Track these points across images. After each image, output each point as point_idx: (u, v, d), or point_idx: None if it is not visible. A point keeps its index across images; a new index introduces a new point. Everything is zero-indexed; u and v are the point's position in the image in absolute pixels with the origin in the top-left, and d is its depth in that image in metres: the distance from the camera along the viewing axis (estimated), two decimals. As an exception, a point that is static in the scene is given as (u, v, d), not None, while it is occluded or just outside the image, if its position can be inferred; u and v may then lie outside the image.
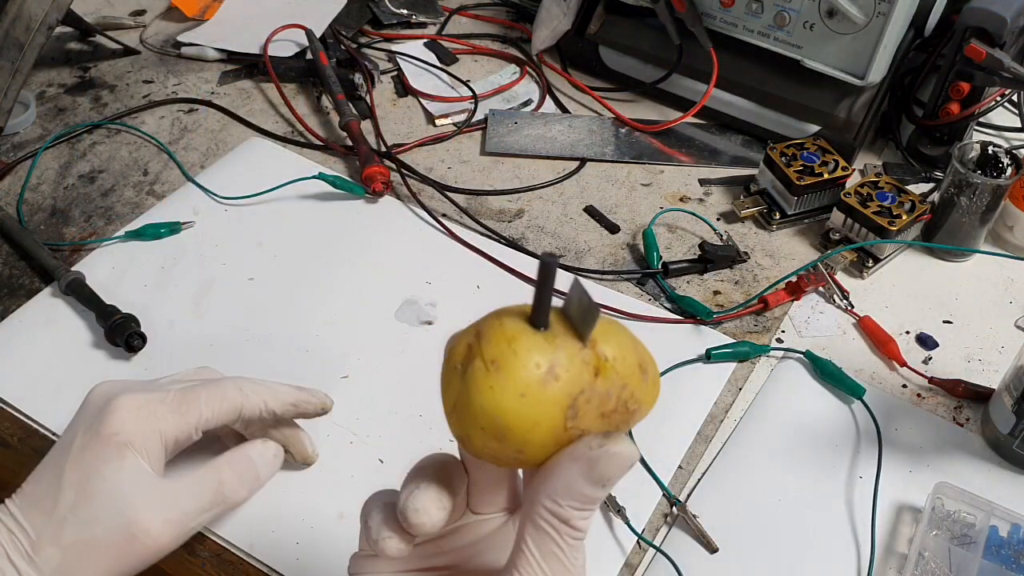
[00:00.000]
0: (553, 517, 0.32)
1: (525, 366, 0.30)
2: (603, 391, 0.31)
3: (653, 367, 0.34)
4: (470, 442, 0.32)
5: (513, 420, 0.30)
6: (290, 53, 0.95)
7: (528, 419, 0.30)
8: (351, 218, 0.78)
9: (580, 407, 0.31)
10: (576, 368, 0.31)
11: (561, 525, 0.32)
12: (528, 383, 0.30)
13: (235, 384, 0.52)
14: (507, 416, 0.30)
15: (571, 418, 0.31)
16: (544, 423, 0.31)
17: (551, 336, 0.31)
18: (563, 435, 0.31)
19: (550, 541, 0.33)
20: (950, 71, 0.79)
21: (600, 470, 0.31)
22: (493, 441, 0.31)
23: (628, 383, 0.32)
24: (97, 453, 0.48)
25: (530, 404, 0.30)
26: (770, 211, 0.78)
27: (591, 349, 0.31)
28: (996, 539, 0.55)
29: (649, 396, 0.33)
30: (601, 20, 0.93)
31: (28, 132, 0.86)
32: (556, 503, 0.32)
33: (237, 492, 0.52)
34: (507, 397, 0.30)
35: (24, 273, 0.72)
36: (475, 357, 0.31)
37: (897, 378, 0.67)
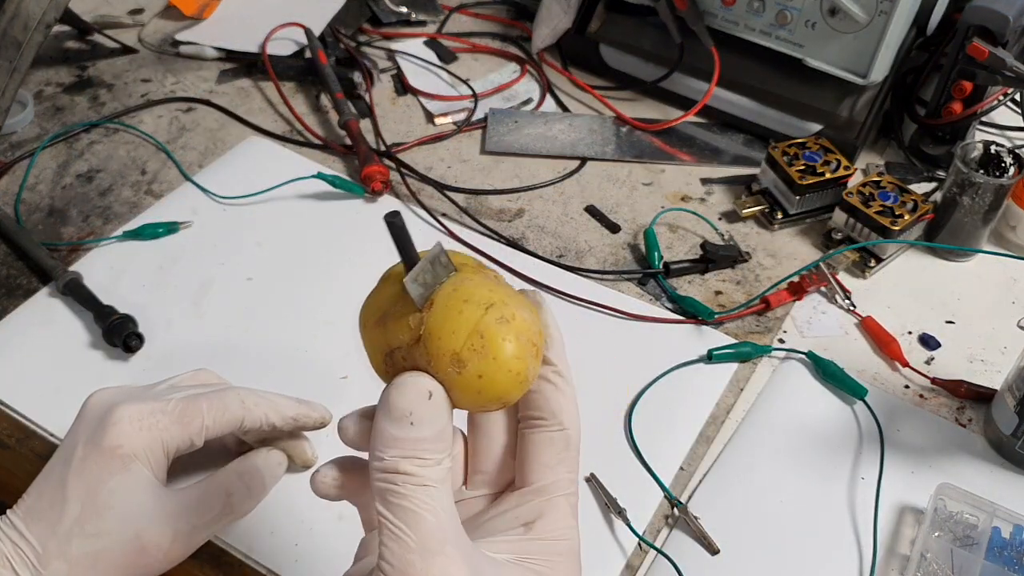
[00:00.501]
0: (382, 472, 0.32)
1: (370, 304, 0.36)
2: (415, 357, 0.34)
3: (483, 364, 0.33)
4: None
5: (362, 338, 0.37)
6: (289, 52, 0.95)
7: (366, 346, 0.36)
8: (350, 218, 0.77)
9: (396, 361, 0.34)
10: (399, 327, 0.34)
11: (392, 475, 0.32)
12: (367, 318, 0.36)
13: (237, 396, 0.52)
14: (362, 334, 0.37)
15: (387, 364, 0.35)
16: (372, 357, 0.36)
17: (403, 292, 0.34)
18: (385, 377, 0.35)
19: (390, 494, 0.32)
20: (952, 70, 0.79)
21: (395, 404, 0.32)
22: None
23: (433, 363, 0.33)
24: (101, 465, 0.47)
25: (365, 336, 0.36)
26: (772, 211, 0.78)
27: (423, 316, 0.33)
28: (998, 540, 0.55)
29: (464, 388, 0.33)
30: (602, 18, 0.93)
31: (26, 131, 0.86)
32: (379, 456, 0.32)
33: (245, 503, 0.52)
34: (361, 319, 0.37)
35: (22, 273, 0.72)
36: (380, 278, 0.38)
37: (899, 379, 0.67)
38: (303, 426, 0.55)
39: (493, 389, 0.34)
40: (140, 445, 0.48)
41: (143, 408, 0.49)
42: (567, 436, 0.37)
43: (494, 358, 0.33)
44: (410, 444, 0.32)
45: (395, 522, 0.32)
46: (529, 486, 0.37)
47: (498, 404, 0.34)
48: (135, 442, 0.48)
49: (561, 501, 0.37)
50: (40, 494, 0.48)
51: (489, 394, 0.34)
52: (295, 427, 0.55)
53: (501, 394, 0.34)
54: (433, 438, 0.32)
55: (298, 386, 0.63)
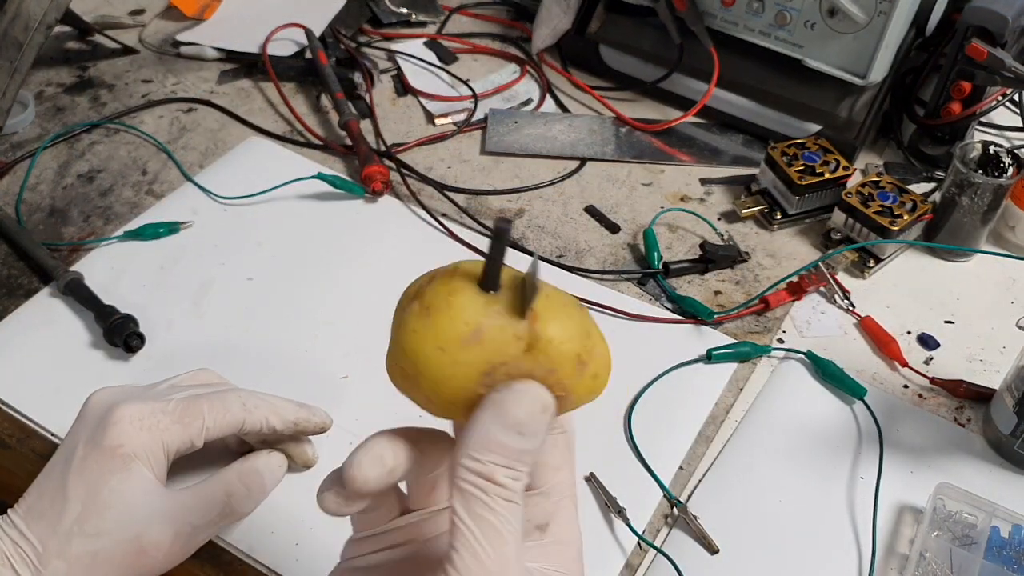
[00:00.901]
0: (475, 476, 0.31)
1: (452, 321, 0.30)
2: (527, 368, 0.31)
3: (599, 363, 0.33)
4: (392, 376, 0.33)
5: (426, 369, 0.31)
6: (289, 52, 0.95)
7: (441, 373, 0.31)
8: (350, 218, 0.78)
9: (498, 376, 0.31)
10: (504, 338, 0.30)
11: (486, 483, 0.31)
12: (449, 338, 0.30)
13: (239, 398, 0.52)
14: (420, 363, 0.31)
15: (485, 385, 0.31)
16: (456, 381, 0.31)
17: (494, 300, 0.31)
18: (476, 398, 0.31)
19: (477, 503, 0.31)
20: (951, 70, 0.79)
21: (510, 411, 0.30)
22: (406, 381, 0.32)
23: (558, 369, 0.32)
24: (102, 465, 0.48)
25: (445, 359, 0.30)
26: (771, 211, 0.78)
27: (530, 324, 0.31)
28: (997, 540, 0.55)
29: (583, 389, 0.33)
30: (602, 19, 0.93)
31: (27, 132, 0.86)
32: (475, 459, 0.31)
33: (245, 505, 0.52)
34: (426, 345, 0.30)
35: (23, 273, 0.72)
36: (417, 298, 0.31)
37: (898, 378, 0.67)
38: (303, 430, 0.56)
39: (600, 387, 0.33)
40: (140, 445, 0.48)
41: (144, 408, 0.49)
42: (568, 439, 0.37)
43: (601, 354, 0.33)
44: (513, 454, 0.31)
45: (477, 535, 0.31)
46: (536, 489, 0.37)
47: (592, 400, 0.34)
48: (135, 442, 0.48)
49: (568, 503, 0.37)
50: (41, 493, 0.48)
51: (596, 393, 0.33)
52: (295, 431, 0.55)
53: (601, 391, 0.34)
54: (532, 451, 0.31)
55: (298, 386, 0.63)
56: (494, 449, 0.31)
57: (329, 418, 0.57)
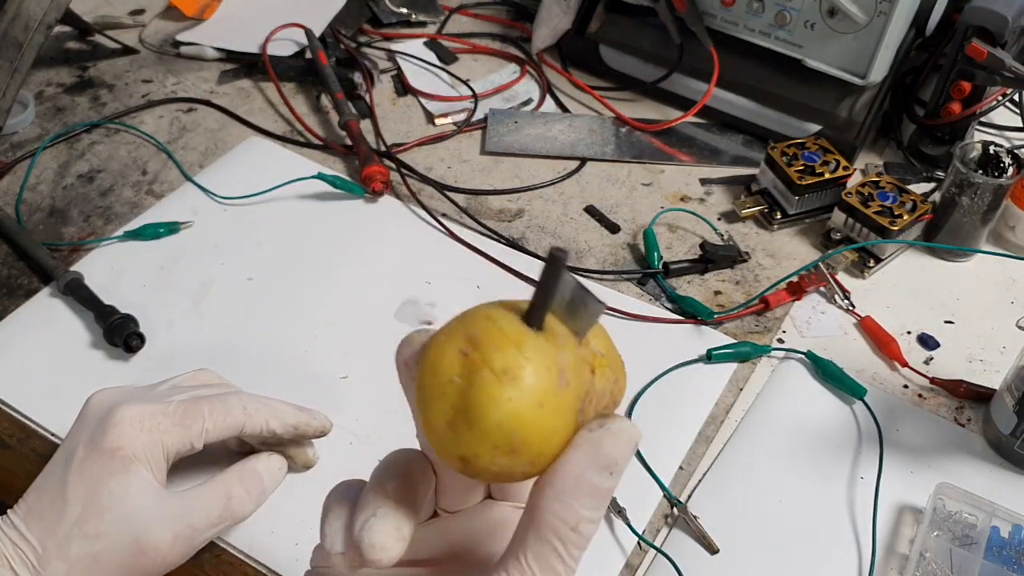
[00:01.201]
0: (561, 523, 0.30)
1: (540, 374, 0.28)
2: (600, 389, 0.30)
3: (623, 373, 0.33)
4: (476, 461, 0.29)
5: (532, 432, 0.28)
6: (289, 52, 0.95)
7: (547, 429, 0.28)
8: (350, 218, 0.78)
9: (587, 409, 0.30)
10: (580, 368, 0.29)
11: (568, 532, 0.30)
12: (546, 391, 0.28)
13: (240, 401, 0.52)
14: (526, 428, 0.28)
15: (578, 423, 0.29)
16: (561, 431, 0.29)
17: (551, 336, 0.29)
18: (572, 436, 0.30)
19: (552, 553, 0.30)
20: (951, 70, 0.79)
21: (606, 450, 0.29)
22: (504, 457, 0.29)
23: (619, 376, 0.31)
24: (102, 467, 0.48)
25: (548, 413, 0.28)
26: (771, 211, 0.78)
27: (585, 347, 0.30)
28: (997, 540, 0.55)
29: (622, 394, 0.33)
30: (602, 19, 0.93)
31: (27, 132, 0.86)
32: (564, 503, 0.29)
33: (245, 507, 0.52)
34: (526, 408, 0.28)
35: (23, 273, 0.72)
36: (480, 368, 0.28)
37: (898, 378, 0.67)
38: (303, 434, 0.56)
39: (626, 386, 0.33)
40: (140, 447, 0.48)
41: (144, 410, 0.49)
42: None
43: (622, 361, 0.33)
44: (602, 495, 0.30)
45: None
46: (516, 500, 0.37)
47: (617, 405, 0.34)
48: (135, 443, 0.48)
49: None
50: (40, 494, 0.48)
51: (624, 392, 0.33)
52: (295, 435, 0.55)
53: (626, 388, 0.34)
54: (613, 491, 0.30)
55: (298, 386, 0.63)
56: (586, 492, 0.29)
57: (329, 422, 0.57)
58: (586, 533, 0.30)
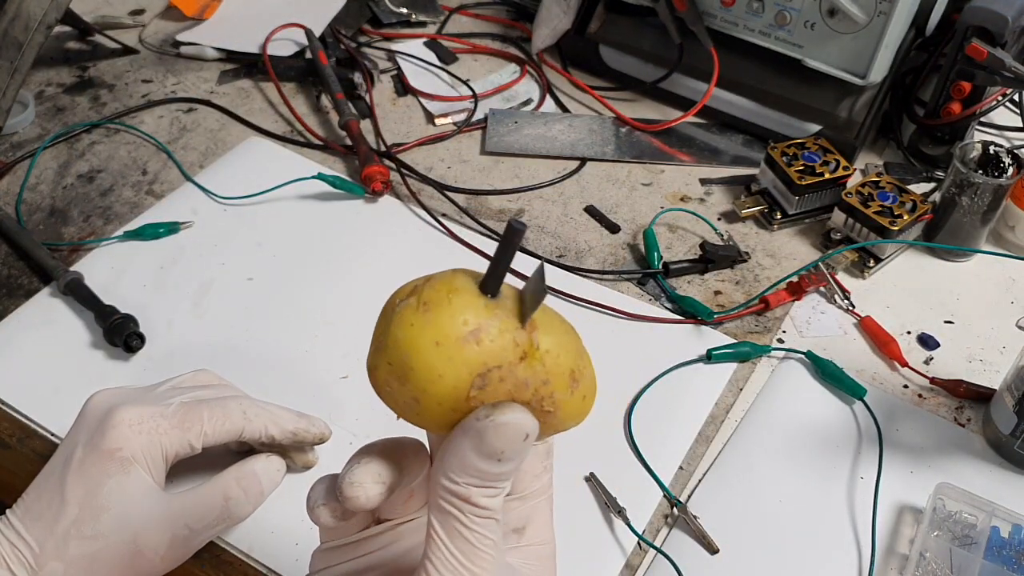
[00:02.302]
0: (452, 496, 0.31)
1: (452, 317, 0.30)
2: (522, 378, 0.30)
3: (588, 384, 0.33)
4: (375, 374, 0.32)
5: (419, 363, 0.30)
6: (289, 52, 0.95)
7: (433, 369, 0.30)
8: (351, 218, 0.78)
9: (491, 381, 0.30)
10: (502, 342, 0.30)
11: (462, 503, 0.31)
12: (447, 334, 0.29)
13: (239, 406, 0.52)
14: (415, 357, 0.30)
15: (477, 387, 0.30)
16: (448, 380, 0.30)
17: (494, 304, 0.30)
18: (464, 403, 0.30)
19: (453, 520, 0.31)
20: (951, 70, 0.79)
21: (489, 442, 0.30)
22: (395, 380, 0.31)
23: (552, 381, 0.31)
24: (100, 468, 0.48)
25: (441, 355, 0.29)
26: (771, 211, 0.78)
27: (528, 333, 0.30)
28: (997, 540, 0.55)
29: (574, 409, 0.32)
30: (601, 19, 0.93)
31: (27, 132, 0.86)
32: (452, 480, 0.31)
33: (243, 508, 0.52)
34: (423, 339, 0.30)
35: (23, 273, 0.72)
36: (412, 295, 0.31)
37: (898, 378, 0.67)
38: (302, 440, 0.56)
39: (587, 410, 0.33)
40: (139, 448, 0.48)
41: (143, 411, 0.49)
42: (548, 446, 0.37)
43: (591, 378, 0.33)
44: (491, 477, 0.31)
45: (452, 551, 0.31)
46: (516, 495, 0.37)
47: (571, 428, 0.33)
48: (134, 445, 0.48)
49: (544, 505, 0.37)
50: (39, 495, 0.48)
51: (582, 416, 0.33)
52: (294, 440, 0.55)
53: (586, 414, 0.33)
54: (511, 472, 0.31)
55: (298, 386, 0.63)
56: (472, 473, 0.31)
57: (328, 429, 0.57)
58: (483, 503, 0.31)
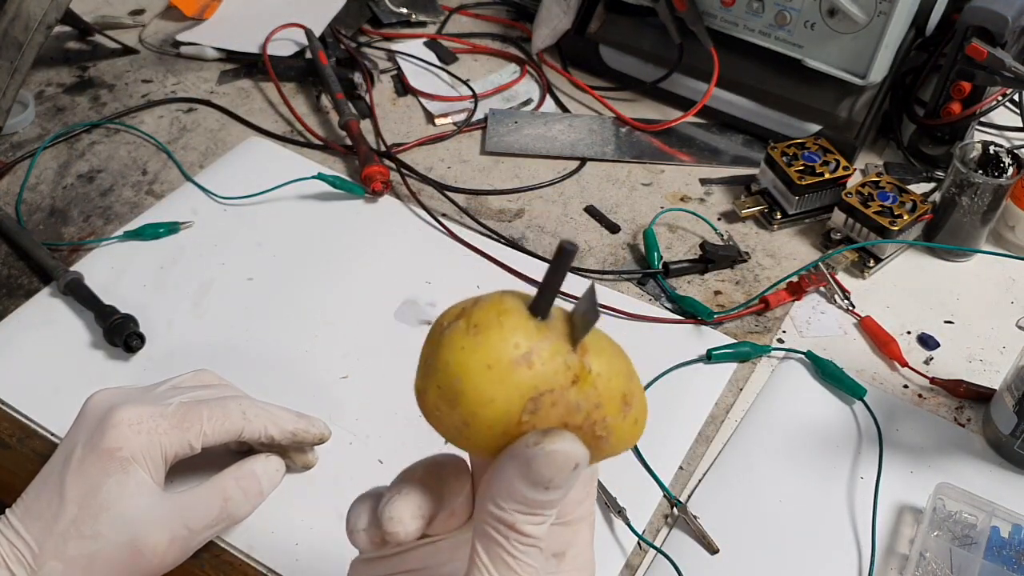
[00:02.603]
0: (498, 522, 0.30)
1: (503, 340, 0.29)
2: (574, 402, 0.30)
3: (640, 409, 0.32)
4: (424, 398, 0.31)
5: (470, 387, 0.29)
6: (289, 52, 0.95)
7: (485, 392, 0.29)
8: (350, 218, 0.78)
9: (543, 406, 0.29)
10: (555, 366, 0.29)
11: (507, 530, 0.30)
12: (499, 358, 0.29)
13: (239, 406, 0.52)
14: (465, 380, 0.29)
15: (529, 412, 0.29)
16: (499, 404, 0.29)
17: (544, 327, 0.30)
18: (515, 427, 0.30)
19: (497, 547, 0.31)
20: (951, 70, 0.79)
21: (536, 470, 0.29)
22: (444, 404, 0.30)
23: (604, 405, 0.30)
24: (100, 467, 0.48)
25: (492, 379, 0.29)
26: (771, 211, 0.78)
27: (579, 356, 0.30)
28: (997, 540, 0.55)
29: (626, 433, 0.32)
30: (601, 19, 0.93)
31: (27, 132, 0.86)
32: (498, 507, 0.30)
33: (242, 508, 0.52)
34: (473, 362, 0.29)
35: (23, 273, 0.72)
36: (461, 318, 0.30)
37: (898, 378, 0.67)
38: (301, 441, 0.56)
39: (638, 434, 0.32)
40: (139, 448, 0.48)
41: (143, 411, 0.49)
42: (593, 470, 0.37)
43: (643, 402, 0.32)
44: (538, 505, 0.30)
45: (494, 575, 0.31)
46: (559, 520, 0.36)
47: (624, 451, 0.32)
48: (134, 445, 0.48)
49: (585, 528, 0.37)
50: (38, 494, 0.48)
51: (634, 440, 0.32)
52: (293, 441, 0.55)
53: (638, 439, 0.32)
54: (559, 500, 0.31)
55: (298, 386, 0.63)
56: (518, 500, 0.30)
57: (328, 429, 0.57)
58: (528, 532, 0.31)
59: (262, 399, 0.57)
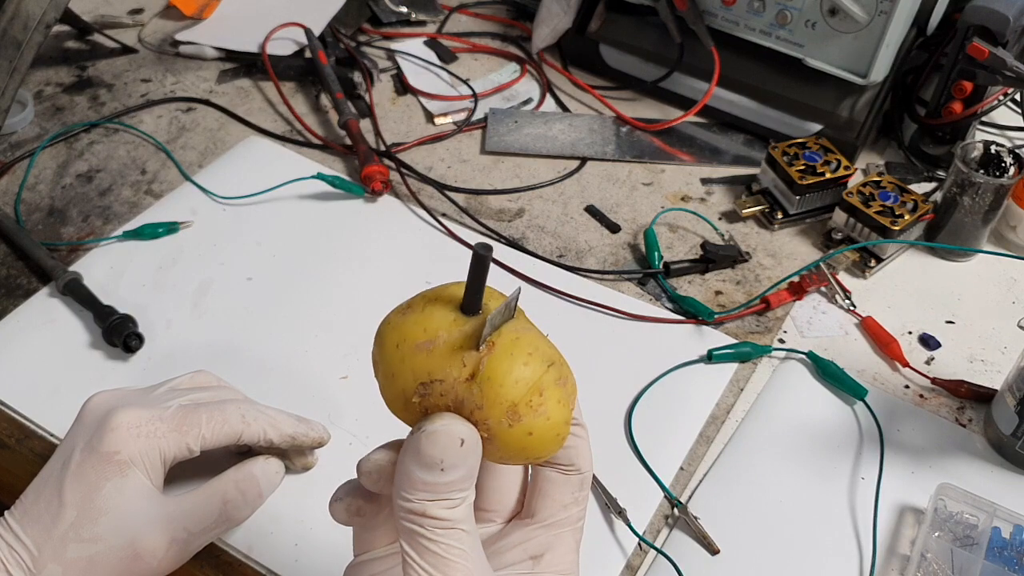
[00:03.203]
0: (409, 513, 0.31)
1: (416, 324, 0.32)
2: (460, 396, 0.31)
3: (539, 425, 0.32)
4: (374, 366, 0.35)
5: (383, 359, 0.33)
6: (289, 52, 0.95)
7: (390, 367, 0.33)
8: (350, 218, 0.77)
9: (432, 392, 0.32)
10: (451, 358, 0.31)
11: (420, 519, 0.31)
12: (406, 339, 0.32)
13: (238, 410, 0.52)
14: (380, 351, 0.33)
15: (420, 394, 0.32)
16: (398, 381, 0.32)
17: (464, 321, 0.32)
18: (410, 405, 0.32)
19: (418, 537, 0.31)
20: (952, 70, 0.79)
21: (425, 451, 0.31)
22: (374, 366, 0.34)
23: (485, 408, 0.31)
24: (98, 471, 0.47)
25: (396, 356, 0.32)
26: (772, 210, 0.78)
27: (481, 355, 0.31)
28: (998, 540, 0.55)
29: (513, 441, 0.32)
30: (602, 18, 0.93)
31: (26, 131, 0.86)
32: (405, 498, 0.31)
33: (241, 511, 0.52)
34: (389, 338, 0.33)
35: (22, 273, 0.72)
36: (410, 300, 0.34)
37: (899, 379, 0.67)
38: (300, 444, 0.56)
39: (537, 449, 0.33)
40: (137, 451, 0.48)
41: (142, 415, 0.49)
42: (582, 478, 0.37)
43: (547, 418, 0.32)
44: (440, 488, 0.31)
45: (426, 568, 0.31)
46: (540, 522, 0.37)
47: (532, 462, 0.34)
48: (132, 448, 0.48)
49: (568, 535, 0.37)
50: (37, 497, 0.48)
51: (531, 452, 0.33)
52: (292, 445, 0.55)
53: (541, 454, 0.33)
54: (462, 480, 0.32)
55: (298, 386, 0.63)
56: (420, 487, 0.31)
57: (327, 433, 0.57)
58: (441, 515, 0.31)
59: (261, 399, 0.57)
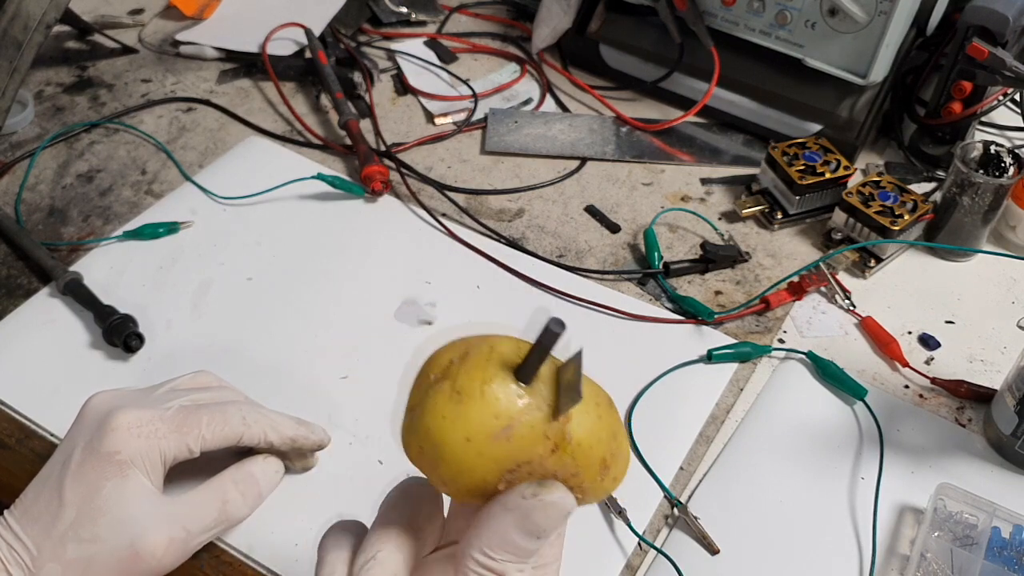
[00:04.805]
0: (486, 570, 0.31)
1: (483, 413, 0.29)
2: (551, 470, 0.31)
3: (620, 466, 0.33)
4: (409, 449, 0.32)
5: (449, 458, 0.30)
6: (289, 52, 0.95)
7: (463, 464, 0.30)
8: (350, 218, 0.77)
9: (520, 475, 0.30)
10: (533, 439, 0.30)
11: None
12: (478, 432, 0.29)
13: (239, 412, 0.52)
14: (444, 451, 0.30)
15: (506, 481, 0.30)
16: (477, 475, 0.30)
17: (528, 393, 0.30)
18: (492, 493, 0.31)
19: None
20: (952, 70, 0.79)
21: (535, 521, 0.30)
22: (426, 463, 0.31)
23: (580, 473, 0.31)
24: (99, 471, 0.48)
25: (470, 452, 0.30)
26: (772, 211, 0.78)
27: (561, 425, 0.30)
28: (998, 540, 0.55)
29: (601, 492, 0.32)
30: (602, 18, 0.93)
31: (26, 131, 0.86)
32: (487, 556, 0.31)
33: (240, 510, 0.52)
34: (453, 433, 0.30)
35: (22, 273, 0.72)
36: (447, 378, 0.30)
37: (899, 379, 0.67)
38: (301, 447, 0.56)
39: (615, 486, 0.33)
40: (137, 452, 0.48)
41: (142, 415, 0.49)
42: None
43: (624, 458, 0.32)
44: (527, 553, 0.31)
45: None
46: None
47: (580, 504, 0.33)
48: (132, 448, 0.48)
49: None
50: (37, 496, 0.48)
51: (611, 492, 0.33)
52: (292, 447, 0.55)
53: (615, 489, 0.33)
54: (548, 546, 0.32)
55: (298, 386, 0.63)
56: (510, 550, 0.31)
57: (327, 436, 0.57)
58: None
59: (261, 399, 0.57)
